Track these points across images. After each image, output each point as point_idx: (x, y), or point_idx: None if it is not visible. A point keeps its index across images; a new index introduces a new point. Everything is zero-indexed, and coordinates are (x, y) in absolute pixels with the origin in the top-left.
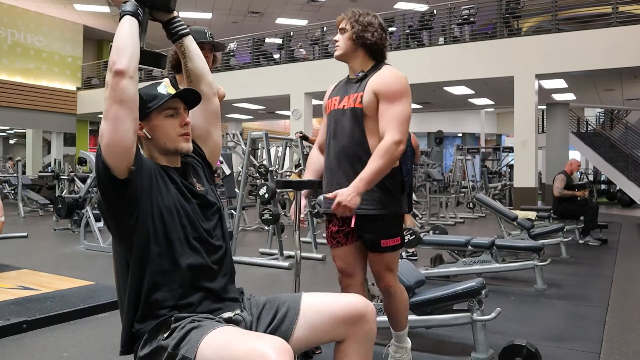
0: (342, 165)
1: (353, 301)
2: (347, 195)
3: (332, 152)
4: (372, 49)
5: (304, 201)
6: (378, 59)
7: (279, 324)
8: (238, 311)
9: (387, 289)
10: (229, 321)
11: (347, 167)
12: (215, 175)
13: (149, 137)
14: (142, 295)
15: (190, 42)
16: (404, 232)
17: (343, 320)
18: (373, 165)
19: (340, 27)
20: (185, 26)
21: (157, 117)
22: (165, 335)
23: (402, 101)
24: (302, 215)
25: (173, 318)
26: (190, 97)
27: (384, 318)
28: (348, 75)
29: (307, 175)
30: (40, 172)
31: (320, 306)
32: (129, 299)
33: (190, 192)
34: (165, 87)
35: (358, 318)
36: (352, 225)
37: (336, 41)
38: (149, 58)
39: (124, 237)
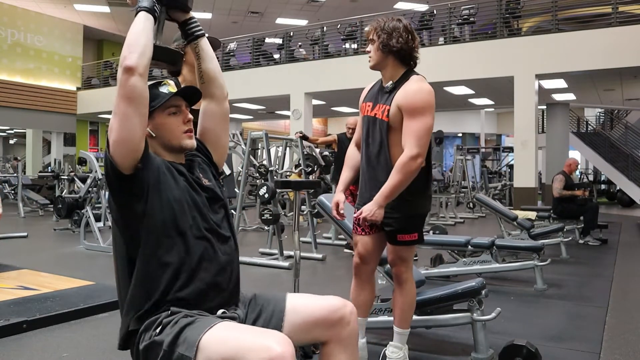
0: (369, 170)
1: (332, 303)
2: (369, 211)
3: (365, 156)
4: (400, 55)
5: (342, 196)
6: (408, 64)
7: (266, 324)
8: (233, 308)
9: (398, 276)
10: (223, 317)
11: (372, 173)
12: None
13: (153, 135)
14: (149, 288)
15: (205, 44)
16: None
17: (322, 322)
18: (391, 180)
19: (369, 38)
20: (200, 27)
21: (160, 116)
22: (157, 330)
23: (423, 115)
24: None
25: (170, 311)
26: (191, 94)
27: (384, 318)
28: (382, 80)
29: (346, 171)
30: (40, 172)
31: (301, 307)
32: (134, 292)
33: (199, 185)
34: (166, 87)
35: (337, 320)
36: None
37: (368, 52)
38: (164, 54)
39: (132, 230)
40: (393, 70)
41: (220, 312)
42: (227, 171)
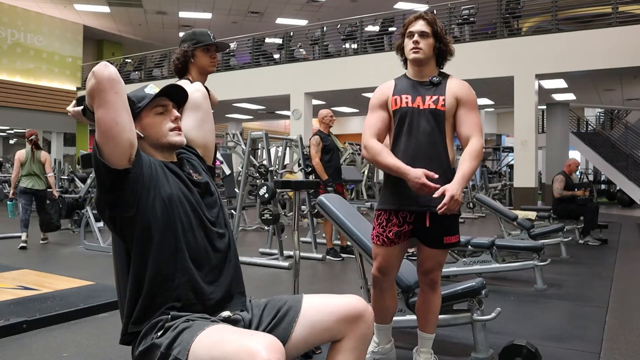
0: (418, 162)
1: (352, 301)
2: (456, 190)
3: (407, 149)
4: (443, 57)
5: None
6: (441, 67)
7: (279, 322)
8: (238, 310)
9: (434, 283)
10: (227, 320)
11: (423, 164)
12: (215, 175)
13: (142, 136)
14: (145, 287)
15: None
16: None
17: (342, 318)
18: (470, 165)
19: (423, 30)
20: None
21: (148, 116)
22: (159, 333)
23: (477, 110)
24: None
25: (170, 316)
26: (175, 93)
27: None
28: (406, 76)
29: (392, 157)
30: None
31: (321, 305)
32: (131, 291)
33: (190, 181)
34: (152, 88)
35: (357, 317)
36: (427, 224)
37: (417, 42)
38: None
39: (125, 230)
40: (432, 68)
41: (225, 314)
42: (227, 171)
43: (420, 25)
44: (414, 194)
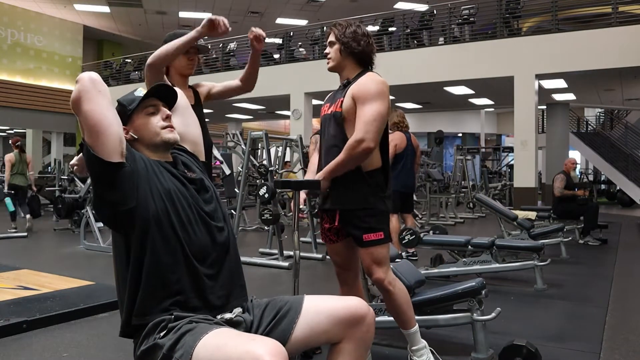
0: (325, 165)
1: (354, 304)
2: (319, 176)
3: (322, 153)
4: (360, 57)
5: (302, 195)
6: (366, 66)
7: (279, 322)
8: (239, 311)
9: (379, 283)
10: (229, 322)
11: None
12: (215, 175)
13: (136, 137)
14: (145, 278)
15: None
16: (404, 232)
17: (342, 321)
18: (337, 158)
19: (329, 40)
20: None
21: (139, 117)
22: (162, 334)
23: (374, 102)
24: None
25: (173, 316)
26: (163, 92)
27: (384, 318)
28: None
29: (308, 177)
30: (40, 172)
31: (321, 307)
32: (131, 282)
33: (185, 178)
34: (141, 91)
35: (357, 320)
36: (336, 223)
37: (327, 54)
38: None
39: (126, 225)
40: (352, 71)
41: (227, 316)
42: (227, 171)
43: (329, 37)
44: (327, 193)
